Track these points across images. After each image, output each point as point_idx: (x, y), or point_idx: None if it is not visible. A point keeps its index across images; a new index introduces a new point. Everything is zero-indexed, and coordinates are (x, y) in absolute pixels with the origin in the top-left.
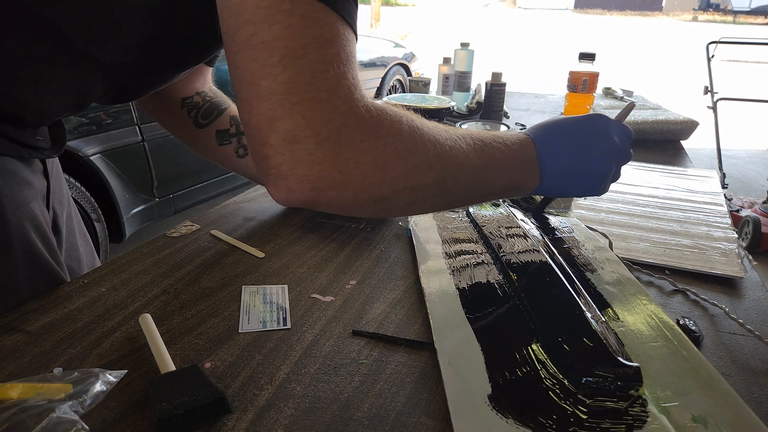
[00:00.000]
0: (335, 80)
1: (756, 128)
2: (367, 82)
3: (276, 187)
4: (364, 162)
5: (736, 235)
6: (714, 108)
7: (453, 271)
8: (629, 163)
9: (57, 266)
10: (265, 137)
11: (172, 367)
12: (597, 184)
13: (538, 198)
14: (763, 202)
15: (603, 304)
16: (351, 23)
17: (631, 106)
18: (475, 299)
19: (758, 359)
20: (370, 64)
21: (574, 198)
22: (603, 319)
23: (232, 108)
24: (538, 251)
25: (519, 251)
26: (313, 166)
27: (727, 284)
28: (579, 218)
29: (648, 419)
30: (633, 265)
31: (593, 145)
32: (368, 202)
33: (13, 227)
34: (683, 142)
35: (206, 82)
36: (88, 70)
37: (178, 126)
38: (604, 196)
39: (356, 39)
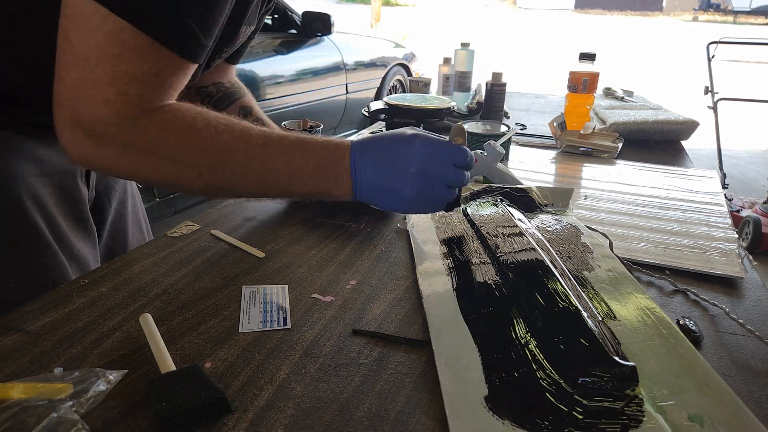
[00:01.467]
0: (115, 95)
1: (756, 128)
2: (368, 83)
3: (65, 151)
4: (123, 162)
5: (737, 236)
6: (714, 108)
7: (450, 271)
8: (630, 163)
9: (56, 242)
10: (54, 113)
11: (173, 367)
12: (402, 204)
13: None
14: (764, 203)
15: (600, 302)
16: (176, 49)
17: (457, 129)
18: (472, 300)
19: (758, 359)
20: (371, 65)
21: (574, 197)
22: (600, 318)
23: (245, 99)
24: (534, 250)
25: (516, 251)
26: (79, 149)
27: (727, 284)
28: (579, 218)
29: (644, 419)
30: (633, 265)
31: (400, 167)
32: (138, 182)
33: (7, 199)
34: (684, 143)
35: (225, 76)
36: None
37: None
38: (603, 196)
39: (188, 62)
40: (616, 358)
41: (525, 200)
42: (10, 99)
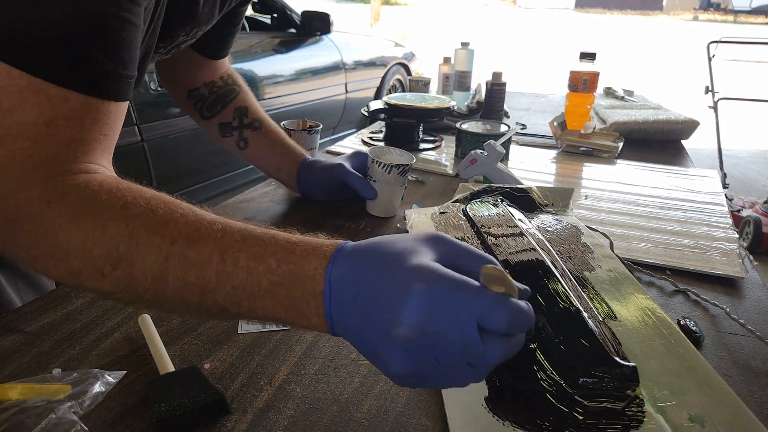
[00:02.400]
0: (2, 159)
1: (757, 128)
2: (367, 82)
3: None
4: (17, 245)
5: (737, 235)
6: (715, 108)
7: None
8: (630, 162)
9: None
10: None
11: (172, 368)
12: (404, 382)
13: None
14: (764, 202)
15: (600, 303)
16: (80, 88)
17: (494, 271)
18: None
19: (759, 360)
20: (370, 64)
21: (574, 197)
22: (600, 319)
23: (240, 99)
24: (535, 250)
25: (516, 251)
26: None
27: (728, 284)
28: (579, 218)
29: (645, 419)
30: (634, 265)
31: (385, 327)
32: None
33: None
34: (684, 142)
35: (216, 73)
36: None
37: (190, 114)
38: (604, 195)
39: (107, 100)
40: (617, 359)
41: (525, 200)
42: None
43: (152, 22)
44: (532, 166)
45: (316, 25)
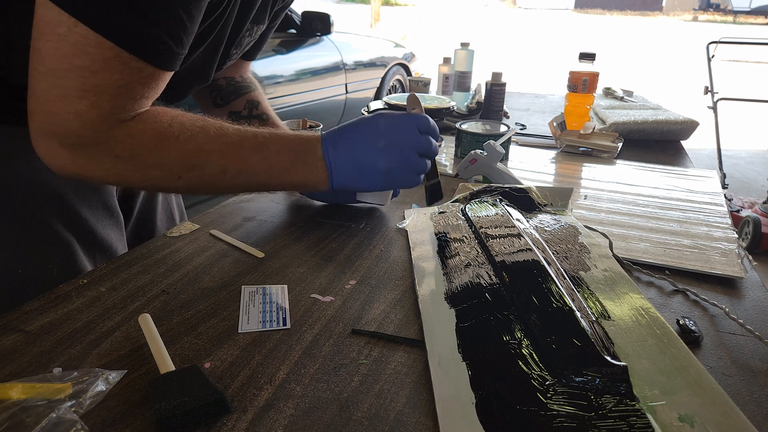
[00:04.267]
0: (86, 107)
1: (756, 128)
2: (367, 82)
3: (43, 160)
4: (101, 169)
5: (736, 236)
6: (714, 108)
7: (447, 272)
8: (630, 163)
9: (73, 233)
10: (29, 122)
11: (172, 367)
12: (383, 180)
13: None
14: (764, 203)
15: (594, 302)
16: (147, 58)
17: (411, 98)
18: (467, 301)
19: (758, 359)
20: (370, 64)
21: (573, 197)
22: (594, 318)
23: (254, 94)
24: (531, 251)
25: (512, 251)
26: (57, 159)
27: (727, 284)
28: (579, 218)
29: (634, 419)
30: (633, 265)
31: (369, 144)
32: (115, 185)
33: (20, 194)
34: (683, 142)
35: (238, 71)
36: None
37: (201, 100)
38: (603, 196)
39: (160, 70)
40: (608, 358)
41: (524, 200)
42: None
43: (223, 17)
44: (531, 166)
45: (317, 25)
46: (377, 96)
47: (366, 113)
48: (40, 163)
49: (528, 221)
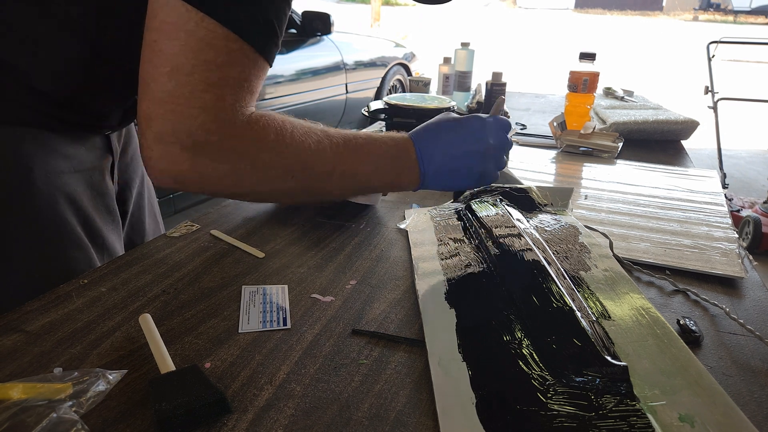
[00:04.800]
0: (212, 101)
1: (757, 128)
2: (368, 82)
3: (148, 171)
4: (220, 170)
5: (737, 235)
6: (714, 108)
7: (447, 272)
8: (630, 162)
9: (88, 237)
10: (143, 131)
11: (172, 367)
12: (474, 179)
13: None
14: (764, 202)
15: (595, 302)
16: (261, 51)
17: (500, 101)
18: (467, 301)
19: (759, 359)
20: (371, 64)
21: (574, 197)
22: (594, 318)
23: None
24: (531, 250)
25: (513, 251)
26: (174, 164)
27: (727, 284)
28: (579, 218)
29: (634, 419)
30: (633, 265)
31: (467, 147)
32: (230, 196)
33: (41, 196)
34: (684, 142)
35: None
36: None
37: None
38: (604, 196)
39: (268, 65)
40: (608, 358)
41: (525, 200)
42: (47, 99)
43: None
44: (531, 166)
45: (317, 25)
46: (377, 96)
47: (366, 113)
48: (58, 165)
49: (528, 221)
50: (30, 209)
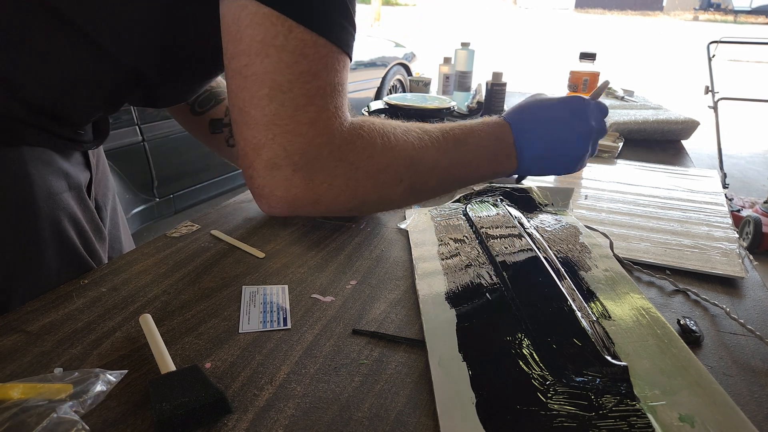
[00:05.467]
0: (316, 113)
1: (757, 128)
2: (368, 82)
3: (260, 202)
4: (336, 184)
5: (737, 235)
6: (715, 108)
7: (447, 272)
8: (631, 162)
9: (90, 258)
10: (251, 161)
11: (173, 368)
12: (573, 165)
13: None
14: (764, 202)
15: (595, 302)
16: (345, 49)
17: (605, 85)
18: (467, 301)
19: (759, 359)
20: (371, 64)
21: (574, 197)
22: (594, 318)
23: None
24: (531, 250)
25: (513, 251)
26: (290, 189)
27: (727, 284)
28: (579, 218)
29: (634, 419)
30: (634, 265)
31: (571, 130)
32: (342, 211)
33: (44, 216)
34: (684, 142)
35: None
36: (112, 70)
37: (176, 111)
38: (604, 195)
39: (350, 60)
40: (608, 358)
41: (525, 200)
42: (44, 113)
43: None
44: None
45: None
46: (378, 96)
47: (366, 114)
48: (58, 184)
49: (529, 221)
50: (33, 232)
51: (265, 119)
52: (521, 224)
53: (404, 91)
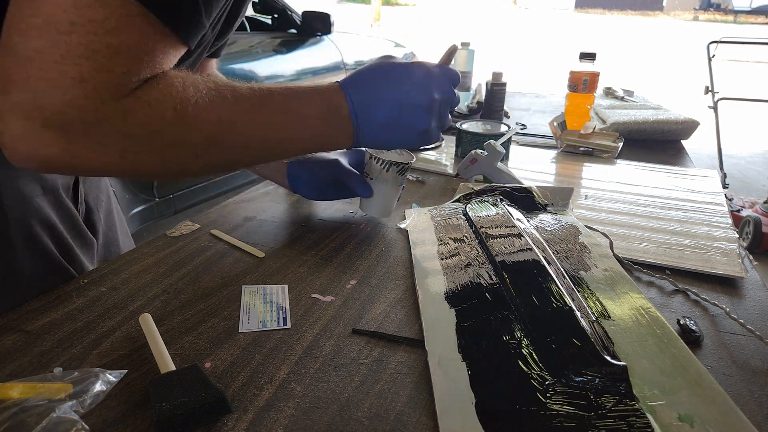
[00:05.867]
0: (91, 70)
1: (757, 128)
2: None
3: (3, 149)
4: (107, 154)
5: (737, 235)
6: (715, 108)
7: (447, 272)
8: (631, 162)
9: (70, 265)
10: (1, 95)
11: (172, 367)
12: (416, 138)
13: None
14: (764, 202)
15: (595, 302)
16: (172, 26)
17: (453, 49)
18: (467, 300)
19: (759, 359)
20: None
21: (574, 197)
22: (594, 318)
23: None
24: (531, 250)
25: (513, 251)
26: (37, 147)
27: (727, 284)
28: (579, 218)
29: (633, 419)
30: (634, 265)
31: (410, 101)
32: (117, 176)
33: (14, 221)
34: (684, 142)
35: (205, 70)
36: None
37: None
38: (604, 195)
39: (181, 43)
40: (608, 358)
41: (525, 200)
42: None
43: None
44: (532, 166)
45: (317, 25)
46: None
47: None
48: (28, 187)
49: (528, 221)
50: (4, 237)
51: (26, 53)
52: (521, 224)
53: None
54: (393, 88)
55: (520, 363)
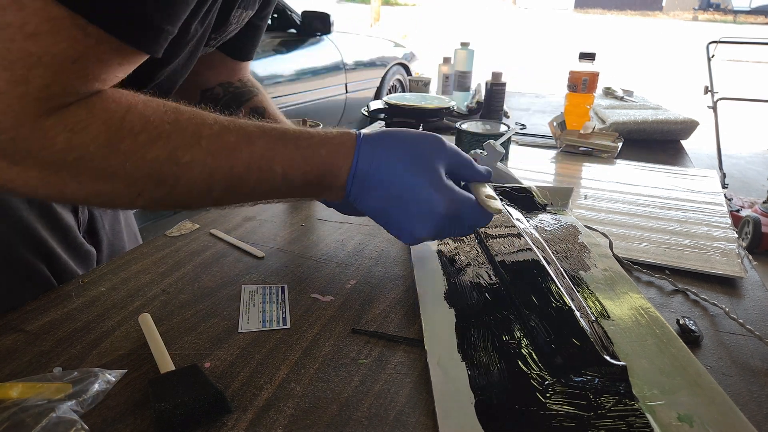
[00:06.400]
0: (6, 83)
1: (756, 128)
2: (367, 82)
3: None
4: (29, 177)
5: (737, 235)
6: (714, 108)
7: (446, 272)
8: (630, 162)
9: (51, 273)
10: None
11: (172, 367)
12: (406, 235)
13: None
14: (764, 202)
15: (594, 302)
16: (105, 26)
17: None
18: (467, 300)
19: (758, 359)
20: (370, 64)
21: (573, 197)
22: (593, 318)
23: (257, 99)
24: (531, 250)
25: (512, 251)
26: None
27: (727, 284)
28: (579, 218)
29: (633, 418)
30: (633, 265)
31: (412, 209)
32: (49, 200)
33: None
34: (683, 142)
35: (235, 75)
36: None
37: None
38: (603, 195)
39: (130, 48)
40: (607, 358)
41: (525, 200)
42: None
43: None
44: (531, 166)
45: (317, 25)
46: (377, 96)
47: (366, 113)
48: (11, 201)
49: (528, 221)
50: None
51: None
52: (520, 224)
53: (404, 91)
54: (394, 196)
55: (519, 363)
